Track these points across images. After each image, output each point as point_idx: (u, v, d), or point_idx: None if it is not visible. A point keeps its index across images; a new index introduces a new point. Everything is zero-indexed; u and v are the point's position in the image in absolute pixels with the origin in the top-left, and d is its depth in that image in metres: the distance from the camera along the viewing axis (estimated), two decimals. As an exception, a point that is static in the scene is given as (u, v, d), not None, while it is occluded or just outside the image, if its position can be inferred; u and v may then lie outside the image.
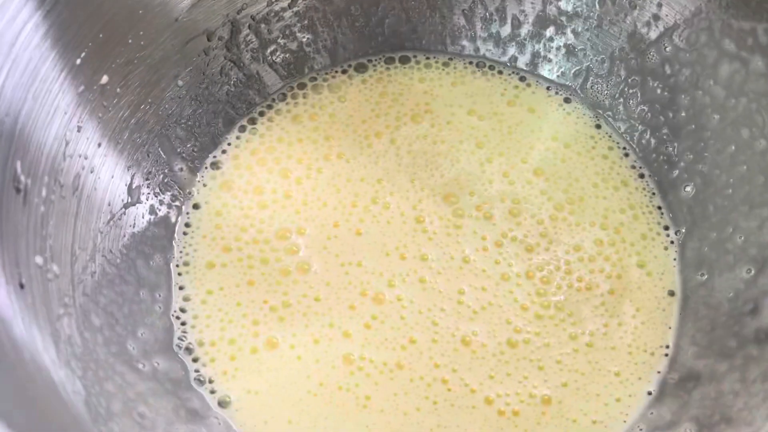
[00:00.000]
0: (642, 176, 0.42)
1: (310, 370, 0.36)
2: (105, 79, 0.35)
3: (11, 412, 0.21)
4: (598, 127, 0.44)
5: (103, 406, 0.29)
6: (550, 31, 0.44)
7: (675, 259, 0.40)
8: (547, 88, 0.45)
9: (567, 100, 0.45)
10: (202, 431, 0.34)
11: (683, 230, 0.40)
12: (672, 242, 0.40)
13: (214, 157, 0.42)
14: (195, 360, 0.37)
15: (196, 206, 0.41)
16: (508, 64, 0.46)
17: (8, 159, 0.29)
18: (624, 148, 0.43)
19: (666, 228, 0.41)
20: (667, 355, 0.37)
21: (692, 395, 0.35)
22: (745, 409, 0.31)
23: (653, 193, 0.42)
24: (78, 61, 0.33)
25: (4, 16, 0.29)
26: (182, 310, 0.38)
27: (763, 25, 0.35)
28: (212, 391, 0.36)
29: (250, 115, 0.44)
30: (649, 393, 0.36)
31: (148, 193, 0.39)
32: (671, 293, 0.39)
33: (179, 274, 0.39)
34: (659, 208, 0.41)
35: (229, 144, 0.43)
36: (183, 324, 0.38)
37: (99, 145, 0.36)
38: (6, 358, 0.23)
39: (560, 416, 0.36)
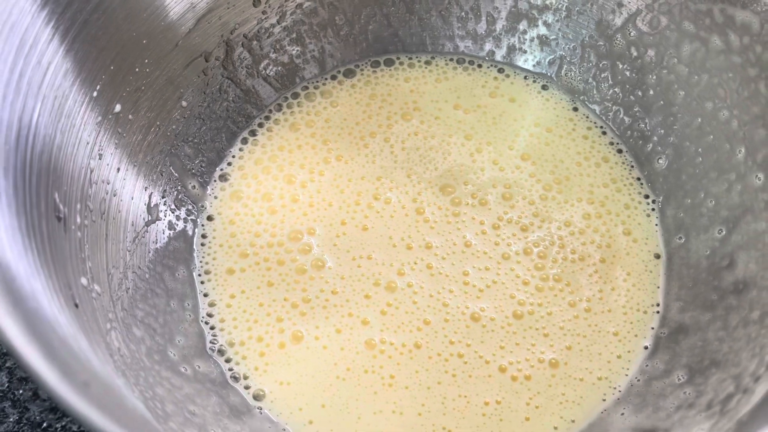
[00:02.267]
0: (620, 151, 0.46)
1: (336, 358, 0.39)
2: (118, 107, 0.38)
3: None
4: (576, 110, 0.47)
5: (159, 408, 0.32)
6: (523, 25, 0.47)
7: (657, 225, 0.44)
8: (525, 78, 0.48)
9: (544, 87, 0.48)
10: (246, 423, 0.37)
11: (660, 199, 0.44)
12: (653, 209, 0.44)
13: (221, 170, 0.45)
14: (228, 360, 0.39)
15: (210, 218, 0.44)
16: (487, 58, 0.49)
17: (48, 191, 0.31)
18: (601, 128, 0.47)
19: (646, 197, 0.44)
20: (658, 312, 0.41)
21: (681, 345, 0.38)
22: (730, 352, 0.35)
23: (632, 166, 0.45)
24: (95, 94, 0.36)
25: (31, 59, 0.31)
26: (209, 315, 0.41)
27: (718, 5, 0.38)
28: (247, 387, 0.39)
29: (250, 128, 0.46)
30: (645, 347, 0.40)
31: (165, 210, 0.42)
32: (657, 256, 0.43)
33: (202, 282, 0.42)
34: (638, 179, 0.45)
35: (233, 156, 0.45)
36: (212, 328, 0.40)
37: (118, 170, 0.38)
38: (78, 377, 0.25)
39: (568, 377, 0.39)
